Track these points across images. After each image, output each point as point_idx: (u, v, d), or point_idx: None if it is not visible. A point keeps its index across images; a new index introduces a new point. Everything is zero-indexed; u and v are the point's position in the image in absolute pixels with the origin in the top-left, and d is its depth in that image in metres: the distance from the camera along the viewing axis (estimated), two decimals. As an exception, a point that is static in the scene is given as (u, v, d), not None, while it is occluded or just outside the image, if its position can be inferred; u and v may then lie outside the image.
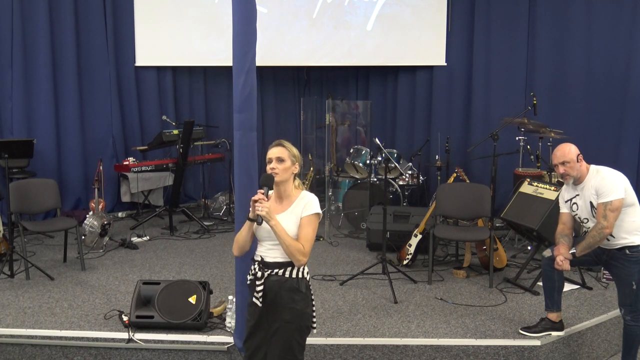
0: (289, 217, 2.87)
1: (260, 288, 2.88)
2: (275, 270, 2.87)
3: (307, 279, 2.92)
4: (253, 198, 2.78)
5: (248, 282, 2.98)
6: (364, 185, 6.80)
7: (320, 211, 2.90)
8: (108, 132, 7.56)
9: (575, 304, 4.62)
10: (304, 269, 2.90)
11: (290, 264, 2.86)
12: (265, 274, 2.88)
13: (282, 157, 2.86)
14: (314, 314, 2.99)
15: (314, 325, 3.00)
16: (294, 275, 2.87)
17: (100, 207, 6.37)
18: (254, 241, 3.00)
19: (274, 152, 2.88)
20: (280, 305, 2.86)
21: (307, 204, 2.88)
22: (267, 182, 2.85)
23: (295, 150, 2.93)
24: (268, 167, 2.87)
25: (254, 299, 2.91)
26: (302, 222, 2.85)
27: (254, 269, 2.93)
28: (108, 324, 4.18)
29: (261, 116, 8.50)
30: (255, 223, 2.79)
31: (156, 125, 7.70)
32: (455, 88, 7.67)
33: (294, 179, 2.95)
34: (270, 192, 2.93)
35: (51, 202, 5.63)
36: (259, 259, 2.92)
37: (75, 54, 7.24)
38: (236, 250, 2.97)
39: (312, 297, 2.96)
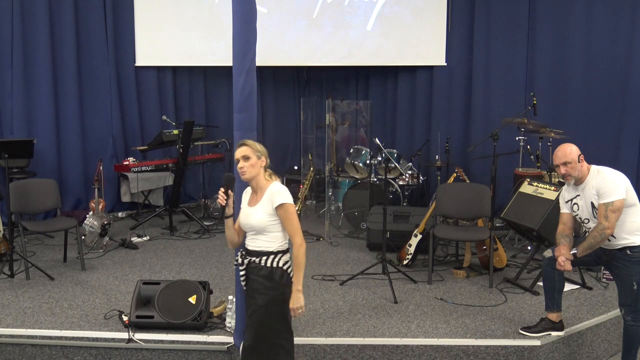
0: (261, 207, 3.10)
1: (242, 273, 3.20)
2: (253, 258, 3.14)
3: (284, 268, 3.12)
4: (217, 201, 3.14)
5: (234, 267, 3.30)
6: (364, 185, 6.80)
7: (289, 201, 3.08)
8: (108, 132, 7.56)
9: (575, 304, 4.62)
10: (280, 259, 3.11)
11: (267, 253, 3.11)
12: (246, 261, 3.16)
13: (247, 155, 3.09)
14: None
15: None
16: (268, 264, 3.10)
17: (100, 207, 6.37)
18: None
19: (239, 152, 3.12)
20: (256, 291, 3.12)
21: (275, 194, 3.07)
22: (227, 182, 3.15)
23: (259, 146, 3.15)
24: (237, 167, 3.12)
25: (241, 282, 3.25)
26: (280, 215, 3.08)
27: (238, 255, 3.23)
28: (108, 324, 4.18)
29: (261, 116, 8.49)
30: (225, 218, 3.18)
31: (156, 125, 7.70)
32: (455, 88, 7.66)
33: (265, 171, 3.16)
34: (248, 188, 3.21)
35: (51, 202, 5.63)
36: (244, 246, 3.21)
37: (75, 54, 7.24)
38: (229, 244, 3.32)
39: (291, 285, 3.13)
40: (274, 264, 3.09)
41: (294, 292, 3.09)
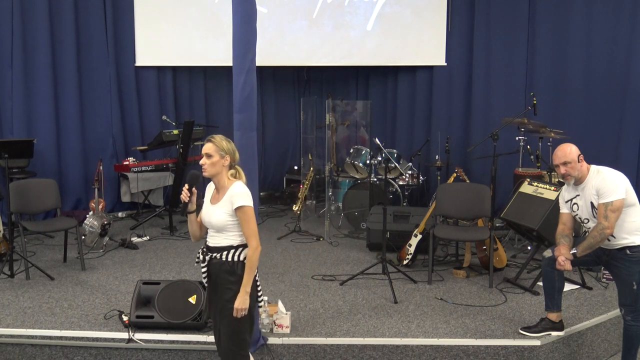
0: (222, 206, 3.12)
1: (204, 270, 3.22)
2: (215, 254, 3.16)
3: (245, 262, 3.13)
4: (181, 196, 3.18)
5: (195, 264, 3.34)
6: (364, 185, 6.80)
7: (248, 204, 3.08)
8: (108, 132, 7.56)
9: (575, 304, 4.62)
10: (240, 253, 3.13)
11: (227, 248, 3.13)
12: (207, 258, 3.19)
13: (209, 153, 3.11)
14: (259, 292, 3.26)
15: (260, 303, 3.31)
16: (229, 259, 3.12)
17: (100, 207, 6.37)
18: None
19: (204, 148, 3.14)
20: (221, 286, 3.15)
21: (234, 196, 3.09)
22: (191, 180, 3.19)
23: (225, 144, 3.14)
24: (200, 162, 3.17)
25: (203, 279, 3.27)
26: (238, 217, 3.09)
27: (199, 252, 3.25)
28: (108, 324, 4.18)
29: (261, 116, 8.50)
30: (186, 214, 3.22)
31: (156, 125, 7.69)
32: (455, 88, 7.66)
33: (229, 169, 3.18)
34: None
35: (51, 202, 5.63)
36: (205, 243, 3.24)
37: (75, 54, 7.24)
38: (192, 237, 3.35)
39: (257, 278, 3.21)
40: (235, 258, 3.12)
41: (242, 292, 3.08)
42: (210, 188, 3.28)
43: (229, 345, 3.16)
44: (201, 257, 3.23)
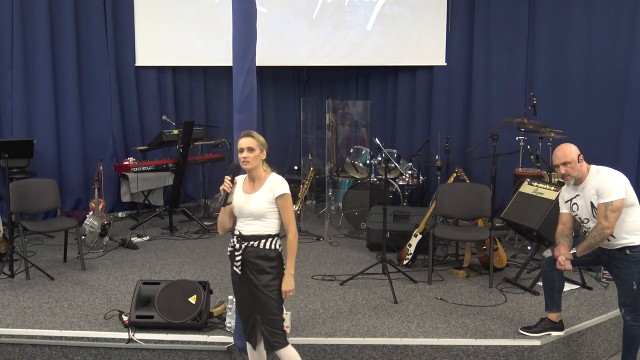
0: (261, 196, 3.27)
1: (239, 258, 3.31)
2: (251, 242, 3.28)
3: (280, 250, 3.33)
4: (222, 187, 3.25)
5: (228, 253, 3.41)
6: (364, 185, 6.81)
7: (288, 192, 3.28)
8: (108, 132, 7.56)
9: (575, 304, 4.62)
10: (276, 241, 3.31)
11: (264, 236, 3.28)
12: (243, 246, 3.29)
13: (252, 147, 3.24)
14: None
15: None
16: (267, 247, 3.28)
17: (100, 207, 6.37)
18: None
19: (244, 143, 3.25)
20: (257, 272, 3.28)
21: (276, 184, 3.27)
22: (234, 170, 3.32)
23: (262, 139, 3.29)
24: (240, 156, 3.25)
25: (234, 268, 3.36)
26: (279, 204, 3.26)
27: (233, 241, 3.35)
28: (108, 324, 4.19)
29: (261, 116, 8.49)
30: (226, 205, 3.30)
31: (156, 125, 7.70)
32: (455, 88, 7.67)
33: (262, 163, 3.33)
34: (243, 176, 3.37)
35: (51, 202, 5.63)
36: (238, 232, 3.33)
37: (75, 54, 7.24)
38: (220, 230, 3.47)
39: (284, 265, 3.35)
40: (272, 246, 3.28)
41: (287, 275, 3.30)
42: (239, 180, 3.39)
43: (268, 329, 3.28)
44: (237, 245, 3.31)
